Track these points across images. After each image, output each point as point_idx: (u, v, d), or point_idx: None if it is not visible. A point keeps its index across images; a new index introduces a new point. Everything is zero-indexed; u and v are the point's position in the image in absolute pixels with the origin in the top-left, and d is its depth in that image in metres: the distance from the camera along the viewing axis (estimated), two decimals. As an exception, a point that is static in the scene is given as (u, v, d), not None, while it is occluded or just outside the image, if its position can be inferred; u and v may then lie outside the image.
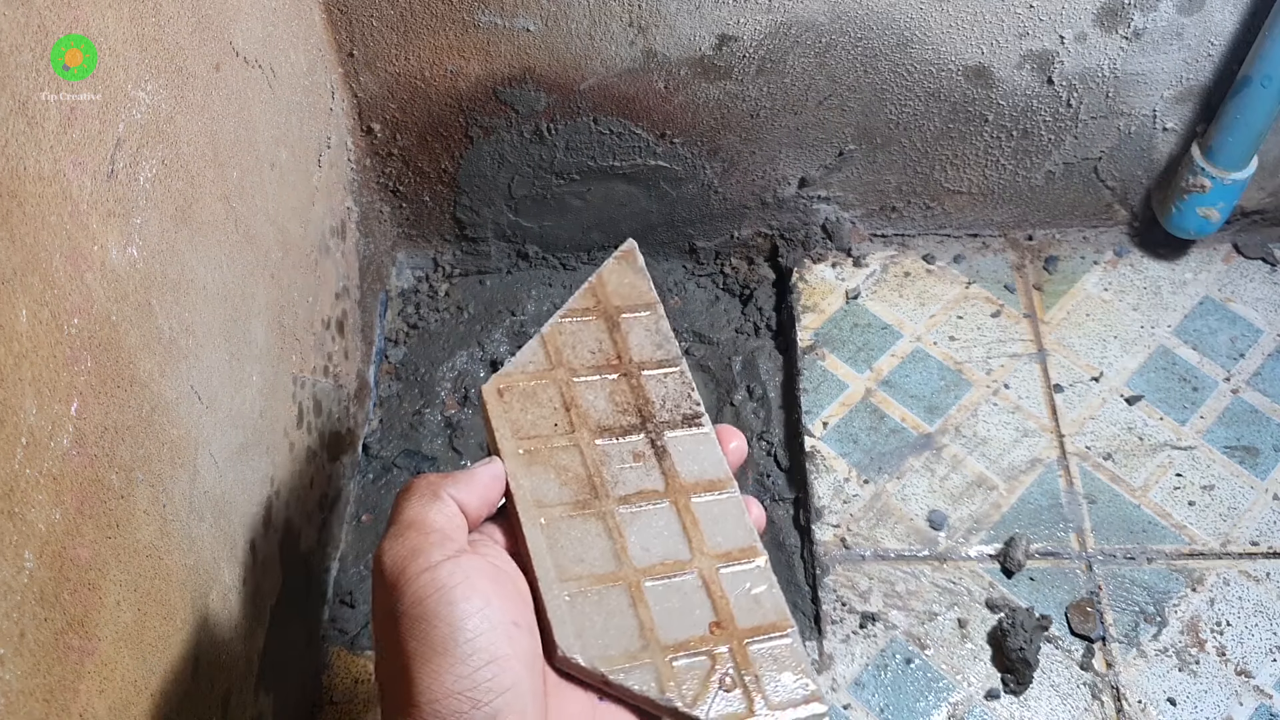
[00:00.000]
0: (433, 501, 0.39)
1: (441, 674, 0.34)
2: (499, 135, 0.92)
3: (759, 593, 0.44)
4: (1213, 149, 0.90)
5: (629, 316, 0.51)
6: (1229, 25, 0.85)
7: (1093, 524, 0.86)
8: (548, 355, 0.49)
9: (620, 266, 0.53)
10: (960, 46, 0.86)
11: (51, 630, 0.40)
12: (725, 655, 0.42)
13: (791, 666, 0.43)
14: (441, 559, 0.37)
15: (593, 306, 0.52)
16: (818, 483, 0.89)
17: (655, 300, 0.52)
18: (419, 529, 0.38)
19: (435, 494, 0.39)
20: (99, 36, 0.45)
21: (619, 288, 0.52)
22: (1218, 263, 1.02)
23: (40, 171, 0.40)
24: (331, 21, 0.82)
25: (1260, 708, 0.78)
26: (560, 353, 0.50)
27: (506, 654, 0.36)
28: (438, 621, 0.35)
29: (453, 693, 0.34)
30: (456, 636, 0.35)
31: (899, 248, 1.03)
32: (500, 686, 0.35)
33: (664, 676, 0.41)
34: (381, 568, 0.37)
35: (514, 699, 0.35)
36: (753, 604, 0.44)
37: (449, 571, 0.36)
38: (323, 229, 0.79)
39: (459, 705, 0.34)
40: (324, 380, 0.79)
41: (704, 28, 0.84)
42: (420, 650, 0.35)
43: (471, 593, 0.36)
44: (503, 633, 0.36)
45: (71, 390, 0.42)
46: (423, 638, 0.35)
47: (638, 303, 0.52)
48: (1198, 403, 0.93)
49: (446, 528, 0.38)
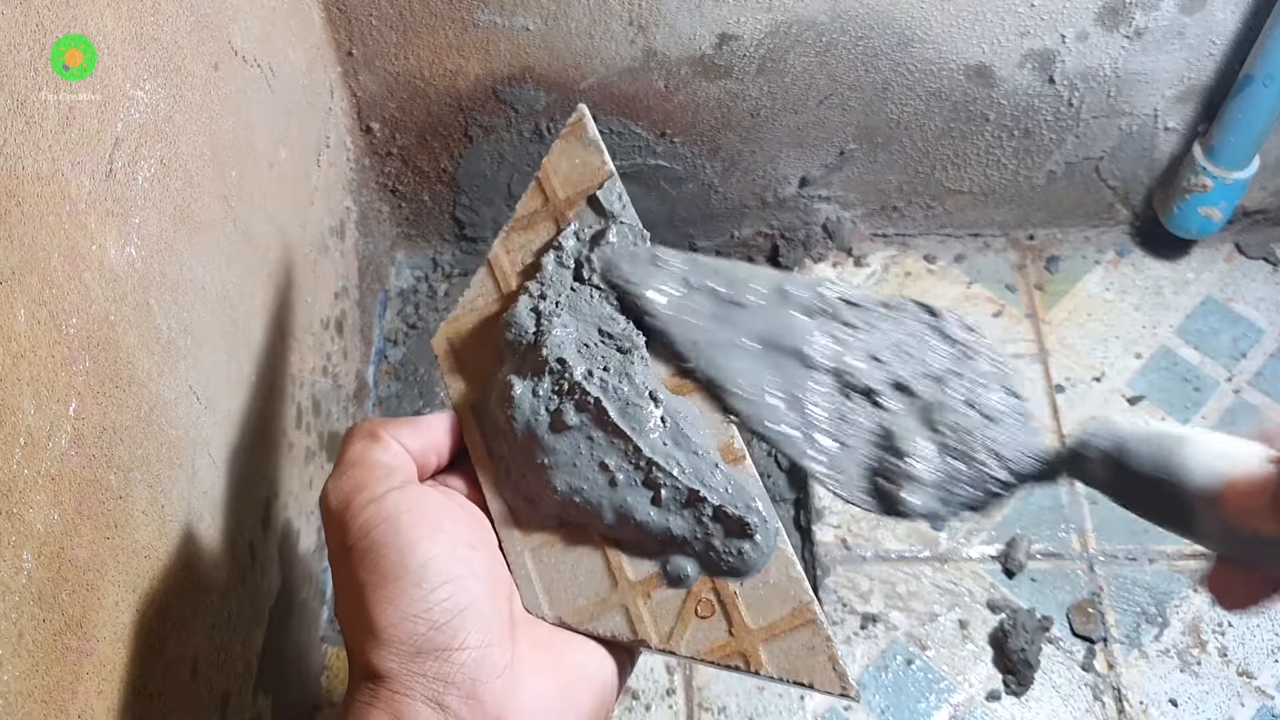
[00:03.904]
0: (374, 442, 0.39)
1: (396, 599, 0.34)
2: (498, 134, 0.92)
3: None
4: (1214, 148, 0.90)
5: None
6: (1231, 24, 0.85)
7: (1094, 524, 0.86)
8: (496, 284, 0.44)
9: (568, 146, 0.44)
10: (961, 45, 0.86)
11: (50, 631, 0.40)
12: (703, 582, 0.39)
13: (777, 580, 0.39)
14: (385, 490, 0.37)
15: (541, 207, 0.44)
16: (818, 483, 0.89)
17: (610, 173, 0.44)
18: (362, 465, 0.38)
19: (376, 435, 0.39)
20: (97, 36, 0.45)
21: (569, 173, 0.44)
22: (1220, 262, 1.01)
23: (39, 171, 0.40)
24: (330, 20, 0.81)
25: (1262, 709, 0.78)
26: (509, 278, 0.43)
27: (461, 574, 0.35)
28: (387, 549, 0.35)
29: (408, 615, 0.34)
30: (407, 562, 0.35)
31: (900, 247, 1.03)
32: (457, 605, 0.35)
33: (635, 616, 0.39)
34: (328, 505, 0.37)
35: (473, 617, 0.35)
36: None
37: (395, 500, 0.36)
38: (321, 229, 0.79)
39: (416, 627, 0.34)
40: (323, 380, 0.79)
41: (704, 26, 0.83)
42: (372, 579, 0.35)
43: (420, 519, 0.36)
44: (456, 554, 0.36)
45: (70, 390, 0.42)
46: (373, 567, 0.35)
47: (591, 184, 0.43)
48: (1200, 403, 0.93)
49: (391, 463, 0.38)
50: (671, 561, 0.40)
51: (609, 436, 0.39)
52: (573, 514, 0.40)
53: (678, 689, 0.80)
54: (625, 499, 0.39)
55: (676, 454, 0.39)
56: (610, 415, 0.39)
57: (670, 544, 0.40)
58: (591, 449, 0.39)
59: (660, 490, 0.39)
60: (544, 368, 0.40)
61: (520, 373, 0.41)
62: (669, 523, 0.39)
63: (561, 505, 0.40)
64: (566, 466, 0.39)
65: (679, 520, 0.39)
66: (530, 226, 0.44)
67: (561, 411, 0.39)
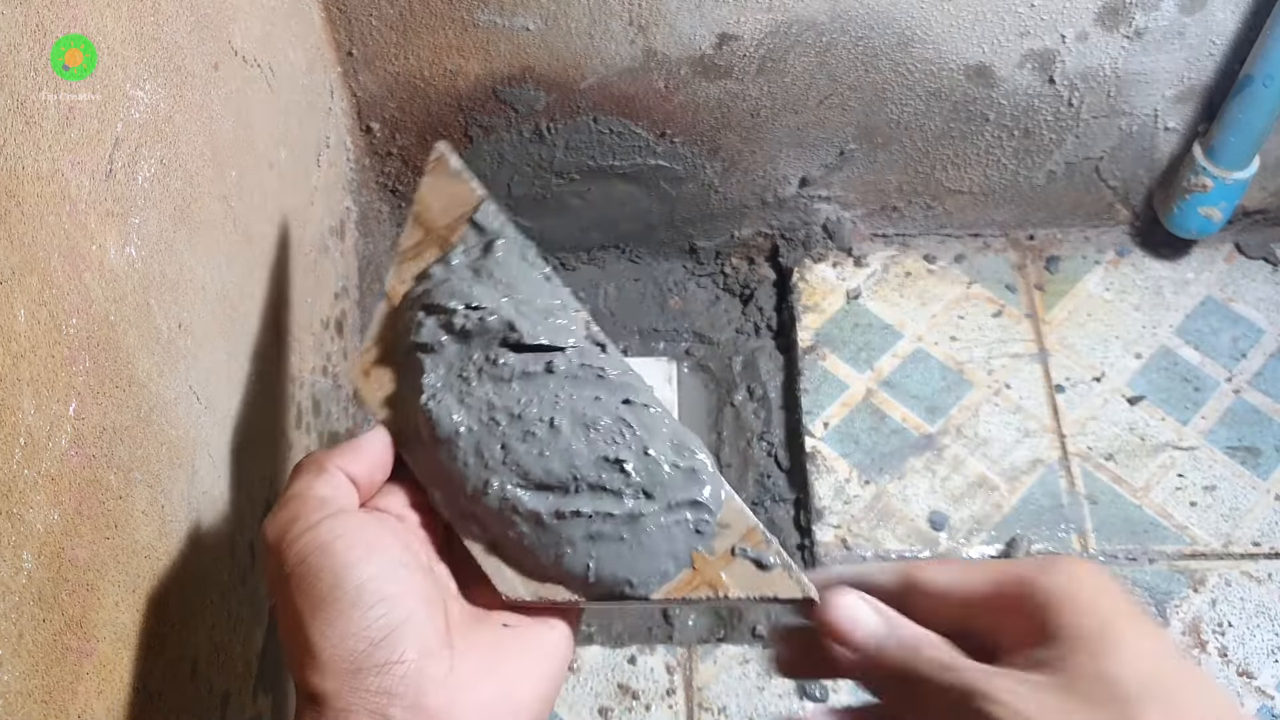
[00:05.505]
0: (318, 475, 0.40)
1: (334, 620, 0.36)
2: (498, 134, 0.92)
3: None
4: (1214, 148, 0.90)
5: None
6: (1231, 25, 0.85)
7: (1094, 524, 0.86)
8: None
9: (435, 181, 0.48)
10: (961, 46, 0.86)
11: (50, 631, 0.40)
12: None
13: (724, 517, 0.41)
14: (320, 519, 0.38)
15: (424, 237, 0.47)
16: (818, 483, 0.89)
17: (482, 196, 0.47)
18: (300, 499, 0.39)
19: (321, 467, 0.40)
20: (97, 36, 0.45)
21: (444, 204, 0.47)
22: (1220, 262, 1.01)
23: (39, 171, 0.40)
24: (330, 21, 0.81)
25: (1262, 708, 0.78)
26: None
27: (395, 592, 0.37)
28: (322, 574, 0.36)
29: (346, 635, 0.35)
30: (343, 585, 0.36)
31: (900, 247, 1.03)
32: (393, 622, 0.36)
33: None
34: (266, 538, 0.39)
35: (410, 630, 0.36)
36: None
37: (328, 528, 0.38)
38: (322, 229, 0.79)
39: (355, 645, 0.35)
40: (323, 380, 0.79)
41: (704, 27, 0.83)
42: (309, 605, 0.36)
43: (353, 543, 0.37)
44: (389, 575, 0.37)
45: (70, 390, 0.42)
46: (309, 592, 0.36)
47: (466, 209, 0.47)
48: (1200, 403, 0.93)
49: (327, 495, 0.39)
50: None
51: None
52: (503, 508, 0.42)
53: (678, 689, 0.80)
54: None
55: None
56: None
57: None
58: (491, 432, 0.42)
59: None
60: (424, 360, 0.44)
61: (413, 377, 0.44)
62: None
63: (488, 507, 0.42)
64: (478, 465, 0.42)
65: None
66: (418, 256, 0.47)
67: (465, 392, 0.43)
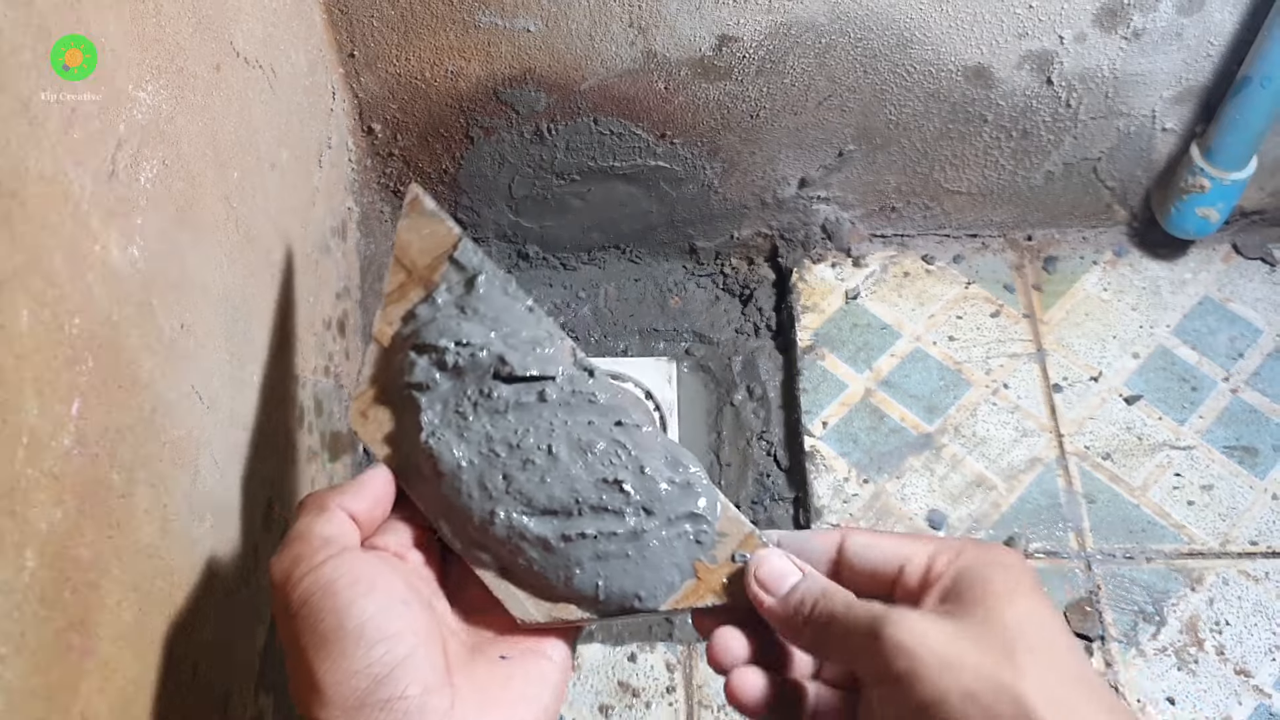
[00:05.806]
0: (320, 514, 0.41)
1: (338, 659, 0.37)
2: (499, 136, 0.92)
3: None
4: (1212, 149, 0.90)
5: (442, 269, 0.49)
6: (1228, 25, 0.85)
7: (1092, 523, 0.86)
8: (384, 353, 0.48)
9: (412, 222, 0.49)
10: (960, 47, 0.86)
11: (52, 630, 0.40)
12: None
13: (721, 527, 0.43)
14: (323, 559, 0.39)
15: (407, 279, 0.48)
16: (817, 482, 0.89)
17: (459, 235, 0.49)
18: (304, 539, 0.40)
19: (323, 507, 0.42)
20: (99, 37, 0.45)
21: (422, 244, 0.49)
22: (1217, 263, 1.02)
23: (41, 171, 0.40)
24: (332, 22, 0.82)
25: (1259, 707, 0.78)
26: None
27: (397, 630, 0.38)
28: (325, 614, 0.38)
29: (351, 672, 0.36)
30: (345, 624, 0.37)
31: (898, 248, 1.03)
32: (395, 659, 0.37)
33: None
34: (272, 578, 0.40)
35: (412, 667, 0.37)
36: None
37: (332, 568, 0.39)
38: (323, 229, 0.80)
39: (359, 683, 0.36)
40: (325, 380, 0.79)
41: (704, 28, 0.84)
42: (314, 642, 0.37)
43: (355, 582, 0.38)
44: (391, 612, 0.38)
45: (73, 390, 0.42)
46: (313, 631, 0.38)
47: (445, 248, 0.49)
48: (1197, 402, 0.93)
49: (332, 535, 0.41)
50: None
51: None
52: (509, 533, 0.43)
53: (678, 686, 0.80)
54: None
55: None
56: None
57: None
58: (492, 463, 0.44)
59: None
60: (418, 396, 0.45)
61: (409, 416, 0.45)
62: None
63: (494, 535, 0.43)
64: (481, 495, 0.43)
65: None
66: (403, 298, 0.48)
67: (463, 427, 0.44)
